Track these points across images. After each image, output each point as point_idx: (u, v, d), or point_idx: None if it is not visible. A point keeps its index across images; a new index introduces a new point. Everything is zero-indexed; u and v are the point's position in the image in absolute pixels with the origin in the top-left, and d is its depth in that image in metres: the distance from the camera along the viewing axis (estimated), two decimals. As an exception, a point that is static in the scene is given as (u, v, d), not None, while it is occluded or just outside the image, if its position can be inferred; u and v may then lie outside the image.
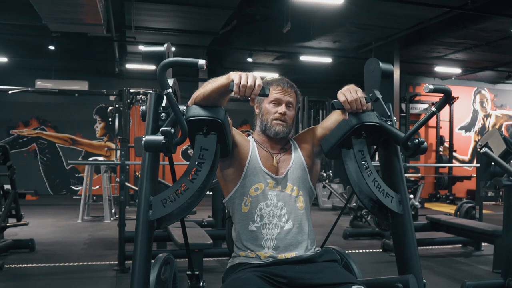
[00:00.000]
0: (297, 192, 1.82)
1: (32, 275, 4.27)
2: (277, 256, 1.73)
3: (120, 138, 4.95)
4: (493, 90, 13.23)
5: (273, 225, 1.75)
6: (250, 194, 1.79)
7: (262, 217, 1.76)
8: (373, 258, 5.00)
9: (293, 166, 1.84)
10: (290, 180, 1.82)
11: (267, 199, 1.78)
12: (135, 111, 10.39)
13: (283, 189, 1.80)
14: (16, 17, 7.87)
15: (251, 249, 1.75)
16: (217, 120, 1.60)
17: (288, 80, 1.90)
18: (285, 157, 1.87)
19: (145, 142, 1.49)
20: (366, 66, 1.90)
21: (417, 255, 1.76)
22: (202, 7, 7.65)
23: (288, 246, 1.74)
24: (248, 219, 1.77)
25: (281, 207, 1.78)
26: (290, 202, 1.79)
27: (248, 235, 1.77)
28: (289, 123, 1.86)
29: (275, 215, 1.76)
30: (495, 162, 3.90)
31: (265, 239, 1.74)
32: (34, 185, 11.04)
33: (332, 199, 9.20)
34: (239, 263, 1.76)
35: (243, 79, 1.49)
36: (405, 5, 6.99)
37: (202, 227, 4.71)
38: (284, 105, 1.84)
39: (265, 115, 1.86)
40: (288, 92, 1.85)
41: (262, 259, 1.72)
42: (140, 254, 1.53)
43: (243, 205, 1.79)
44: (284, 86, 1.85)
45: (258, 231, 1.75)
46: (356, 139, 1.75)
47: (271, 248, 1.73)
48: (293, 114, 1.88)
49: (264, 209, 1.77)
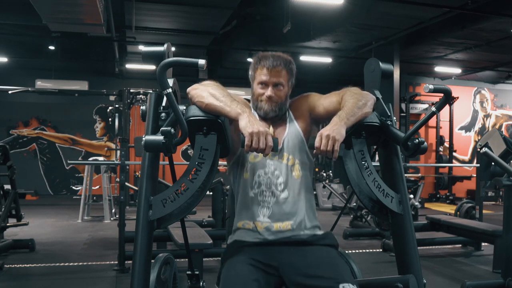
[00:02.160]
0: (293, 161, 1.82)
1: (32, 275, 4.27)
2: (273, 226, 1.74)
3: (120, 138, 4.96)
4: (493, 90, 13.23)
5: (269, 193, 1.77)
6: (250, 161, 1.81)
7: (260, 184, 1.78)
8: (373, 258, 5.00)
9: (288, 135, 1.84)
10: (286, 149, 1.82)
11: (265, 166, 1.80)
12: (135, 111, 10.39)
13: (280, 159, 1.81)
14: (16, 17, 7.88)
15: (248, 217, 1.77)
16: (217, 120, 1.60)
17: (278, 55, 1.82)
18: (280, 128, 1.86)
19: (145, 142, 1.49)
20: (366, 66, 1.90)
21: (417, 255, 1.76)
22: (202, 7, 7.65)
23: (283, 215, 1.76)
24: (248, 185, 1.80)
25: (277, 176, 1.79)
26: (286, 171, 1.80)
27: (247, 202, 1.79)
28: (279, 102, 1.82)
29: (272, 183, 1.78)
30: (495, 162, 3.90)
31: (261, 206, 1.76)
32: (34, 185, 11.03)
33: (332, 199, 9.20)
34: (236, 240, 1.78)
35: (254, 141, 1.53)
36: (405, 5, 6.99)
37: (202, 227, 4.70)
38: (270, 87, 1.80)
39: (255, 95, 1.85)
40: (275, 72, 1.79)
41: (258, 230, 1.74)
42: (140, 254, 1.53)
43: (244, 172, 1.81)
44: (270, 66, 1.79)
45: (255, 197, 1.78)
46: (356, 139, 1.75)
47: (266, 216, 1.75)
48: (285, 91, 1.83)
49: (262, 176, 1.79)
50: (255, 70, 1.83)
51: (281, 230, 1.74)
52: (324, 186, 8.61)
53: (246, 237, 1.76)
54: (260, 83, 1.82)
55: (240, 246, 1.76)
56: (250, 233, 1.76)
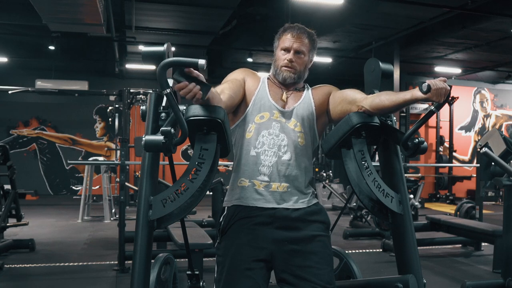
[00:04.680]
0: (300, 128, 1.84)
1: (32, 275, 4.28)
2: (271, 186, 1.77)
3: (120, 138, 4.96)
4: (493, 90, 13.23)
5: (272, 152, 1.79)
6: (255, 121, 1.83)
7: (263, 143, 1.80)
8: (373, 258, 5.00)
9: (301, 104, 1.86)
10: (295, 115, 1.84)
11: (270, 128, 1.81)
12: (135, 111, 10.39)
13: (287, 122, 1.83)
14: (16, 17, 7.87)
15: (247, 175, 1.80)
16: (217, 120, 1.60)
17: (302, 26, 1.89)
18: (295, 95, 1.89)
19: (145, 142, 1.49)
20: (366, 66, 1.90)
21: (417, 255, 1.76)
22: (202, 7, 7.65)
23: (283, 176, 1.78)
24: (250, 145, 1.81)
25: (282, 138, 1.81)
26: (291, 135, 1.82)
27: (248, 160, 1.80)
28: (299, 70, 1.86)
29: (275, 144, 1.80)
30: (495, 162, 3.91)
31: (262, 165, 1.78)
32: (34, 185, 11.03)
33: (332, 199, 9.19)
34: (235, 205, 1.80)
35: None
36: (405, 5, 6.99)
37: (202, 227, 4.71)
38: (292, 52, 1.84)
39: (276, 61, 1.88)
40: (299, 38, 1.84)
41: (257, 189, 1.77)
42: (140, 254, 1.54)
43: (247, 132, 1.83)
44: (294, 32, 1.84)
45: (257, 156, 1.79)
46: (356, 139, 1.75)
47: (266, 174, 1.77)
48: (305, 60, 1.87)
49: (266, 136, 1.80)
50: (279, 39, 1.88)
51: (277, 191, 1.77)
52: (324, 186, 8.61)
53: (241, 201, 1.79)
54: (283, 49, 1.86)
55: (234, 221, 1.77)
56: (246, 193, 1.78)
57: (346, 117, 1.76)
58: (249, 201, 1.77)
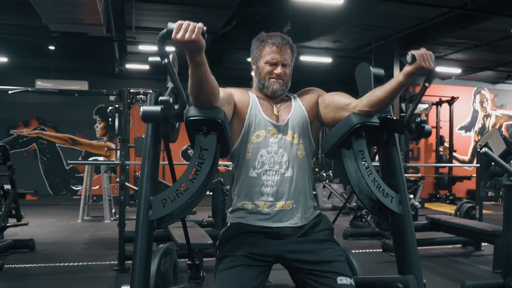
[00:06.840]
0: (298, 140, 1.83)
1: (32, 275, 4.27)
2: (276, 205, 1.75)
3: (120, 138, 4.96)
4: (493, 90, 13.22)
5: (273, 172, 1.77)
6: (252, 141, 1.80)
7: (263, 163, 1.78)
8: (373, 258, 5.00)
9: (294, 115, 1.85)
10: (291, 127, 1.83)
11: (268, 146, 1.80)
12: (135, 111, 10.38)
13: (284, 136, 1.81)
14: (16, 17, 7.86)
15: (249, 198, 1.77)
16: (217, 120, 1.60)
17: (283, 36, 1.86)
18: (285, 106, 1.87)
19: (143, 112, 1.47)
20: (357, 71, 1.91)
21: (417, 255, 1.76)
22: (202, 7, 7.65)
23: (288, 193, 1.77)
24: (250, 165, 1.79)
25: (282, 154, 1.79)
26: (291, 149, 1.80)
27: (248, 182, 1.78)
28: (286, 81, 1.85)
29: (276, 162, 1.78)
30: (495, 162, 3.91)
31: (265, 185, 1.76)
32: (34, 185, 11.03)
33: (332, 199, 9.19)
34: (234, 223, 1.79)
35: (183, 26, 1.49)
36: (405, 5, 6.98)
37: (202, 227, 4.70)
38: (280, 66, 1.82)
39: (262, 74, 1.85)
40: (284, 50, 1.82)
41: (261, 210, 1.75)
42: (140, 254, 1.54)
43: (246, 152, 1.81)
44: (280, 44, 1.82)
45: (258, 177, 1.77)
46: (356, 139, 1.75)
47: (270, 195, 1.76)
48: (290, 71, 1.86)
49: (265, 155, 1.79)
50: (262, 49, 1.84)
51: (283, 210, 1.76)
52: (324, 186, 8.61)
53: (246, 219, 1.77)
54: (268, 62, 1.82)
55: (237, 233, 1.76)
56: (250, 215, 1.77)
57: (346, 117, 1.75)
58: (253, 222, 1.77)
